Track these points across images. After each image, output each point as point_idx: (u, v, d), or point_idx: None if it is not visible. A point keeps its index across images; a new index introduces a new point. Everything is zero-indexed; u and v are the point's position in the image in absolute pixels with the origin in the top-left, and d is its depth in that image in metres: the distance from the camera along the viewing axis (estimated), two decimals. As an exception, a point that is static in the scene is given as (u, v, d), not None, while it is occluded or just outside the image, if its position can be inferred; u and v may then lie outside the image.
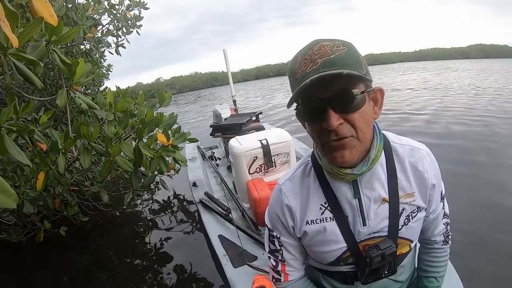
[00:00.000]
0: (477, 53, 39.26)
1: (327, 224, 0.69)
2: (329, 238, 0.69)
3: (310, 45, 0.57)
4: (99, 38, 2.83)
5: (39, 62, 0.72)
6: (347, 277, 0.74)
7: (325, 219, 0.69)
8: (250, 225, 2.07)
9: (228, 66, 4.05)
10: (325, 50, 0.54)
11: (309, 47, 0.56)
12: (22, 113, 1.02)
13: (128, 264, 2.54)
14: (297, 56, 0.58)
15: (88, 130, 1.30)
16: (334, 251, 0.69)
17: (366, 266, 0.69)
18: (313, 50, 0.55)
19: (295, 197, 0.71)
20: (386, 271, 0.72)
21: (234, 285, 1.54)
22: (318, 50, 0.55)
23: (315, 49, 0.55)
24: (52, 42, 0.89)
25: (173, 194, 3.73)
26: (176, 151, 1.48)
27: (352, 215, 0.67)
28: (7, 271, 2.44)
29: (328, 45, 0.55)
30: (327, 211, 0.69)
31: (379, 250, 0.66)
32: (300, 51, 0.58)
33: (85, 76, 1.08)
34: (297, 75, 0.56)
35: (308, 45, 0.57)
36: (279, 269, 0.78)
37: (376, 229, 0.68)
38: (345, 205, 0.68)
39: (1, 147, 0.71)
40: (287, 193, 0.72)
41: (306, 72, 0.54)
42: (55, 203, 1.81)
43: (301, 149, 3.34)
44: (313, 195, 0.70)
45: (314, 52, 0.55)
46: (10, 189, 0.42)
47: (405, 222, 0.69)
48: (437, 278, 0.82)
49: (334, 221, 0.68)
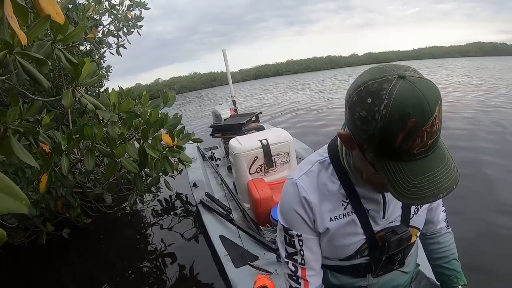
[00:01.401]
0: (476, 51, 39.41)
1: (349, 219, 0.69)
2: (350, 232, 0.70)
3: (424, 113, 0.44)
4: (100, 39, 2.81)
5: (46, 61, 0.70)
6: (359, 270, 0.74)
7: (347, 214, 0.69)
8: (251, 225, 2.06)
9: (227, 66, 4.03)
10: (436, 126, 0.46)
11: (423, 118, 0.44)
12: (26, 114, 1.01)
13: (130, 265, 2.52)
14: (404, 121, 0.44)
15: (92, 131, 1.28)
16: (353, 245, 0.71)
17: (382, 254, 0.70)
18: (427, 127, 0.45)
19: (314, 191, 0.69)
20: (398, 260, 0.74)
21: (235, 285, 1.54)
22: (432, 126, 0.46)
23: (429, 126, 0.45)
24: (57, 41, 0.87)
25: (174, 194, 3.71)
26: (181, 151, 1.46)
27: (375, 209, 0.69)
28: (10, 275, 2.41)
29: (438, 114, 0.46)
30: (349, 206, 0.69)
31: (396, 235, 0.68)
32: (408, 114, 0.44)
33: (90, 76, 1.06)
34: (399, 148, 0.47)
35: (422, 112, 0.44)
36: (299, 274, 0.73)
37: (391, 219, 0.71)
38: (368, 200, 0.68)
39: (7, 149, 0.69)
40: (305, 187, 0.69)
41: (414, 152, 0.47)
42: (57, 205, 1.79)
43: (301, 149, 3.33)
44: (333, 191, 0.69)
45: (428, 130, 0.46)
46: (21, 194, 0.40)
47: (415, 211, 0.73)
48: (457, 259, 0.86)
49: (355, 215, 0.69)
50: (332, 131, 5.78)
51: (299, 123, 6.98)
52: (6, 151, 0.69)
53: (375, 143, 0.49)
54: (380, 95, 0.46)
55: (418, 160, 0.49)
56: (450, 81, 12.11)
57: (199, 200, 2.45)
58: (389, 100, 0.45)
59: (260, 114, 3.46)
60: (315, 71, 41.60)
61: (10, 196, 0.40)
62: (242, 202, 2.35)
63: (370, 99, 0.47)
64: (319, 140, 5.13)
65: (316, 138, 5.38)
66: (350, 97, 0.51)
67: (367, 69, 0.52)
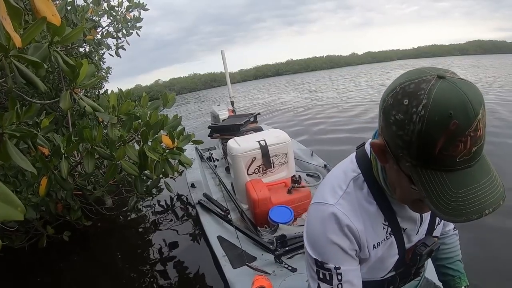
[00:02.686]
0: (476, 49, 39.32)
1: (389, 241, 0.66)
2: (388, 254, 0.67)
3: (468, 114, 0.40)
4: (99, 40, 2.80)
5: (43, 64, 0.69)
6: (384, 284, 0.72)
7: (386, 237, 0.65)
8: (249, 225, 2.06)
9: (226, 67, 4.02)
10: (480, 131, 0.41)
11: (467, 119, 0.40)
12: (24, 117, 0.99)
13: (129, 267, 2.52)
14: (446, 123, 0.40)
15: (91, 133, 1.27)
16: (388, 266, 0.69)
17: (411, 268, 0.70)
18: (471, 130, 0.40)
19: (357, 217, 0.61)
20: (422, 270, 0.74)
21: (233, 286, 1.53)
22: (475, 131, 0.41)
23: (473, 130, 0.41)
24: (54, 43, 0.86)
25: (172, 195, 3.70)
26: (182, 153, 1.45)
27: (411, 227, 0.67)
28: (11, 278, 2.41)
29: (482, 119, 0.41)
30: (388, 228, 0.64)
31: (427, 247, 0.67)
32: (451, 114, 0.40)
33: (88, 78, 1.05)
34: (439, 155, 0.42)
35: (465, 113, 0.40)
36: None
37: (422, 234, 0.71)
38: (405, 219, 0.65)
39: (3, 154, 0.68)
40: (347, 214, 0.60)
41: (456, 161, 0.43)
42: (57, 208, 1.78)
43: (299, 150, 3.31)
44: (373, 214, 0.62)
45: (472, 135, 0.41)
46: (16, 200, 0.39)
47: (439, 222, 0.74)
48: (460, 260, 0.87)
49: (393, 237, 0.65)
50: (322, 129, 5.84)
51: (298, 124, 7.00)
52: (2, 156, 0.68)
53: (413, 149, 0.44)
54: (418, 95, 0.42)
55: (460, 171, 0.44)
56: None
57: (197, 201, 2.45)
58: (428, 100, 0.41)
59: (258, 115, 3.45)
60: (315, 70, 41.63)
61: (6, 203, 0.39)
62: (240, 203, 2.35)
63: (406, 101, 0.43)
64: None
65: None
66: (384, 101, 0.47)
67: (404, 72, 0.48)
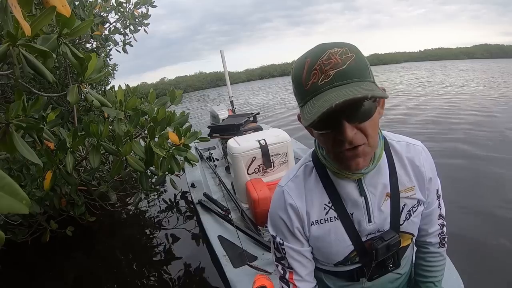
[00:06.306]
0: (482, 53, 38.81)
1: (332, 224, 0.68)
2: (335, 237, 0.68)
3: (317, 52, 0.52)
4: (106, 36, 2.80)
5: (51, 53, 0.67)
6: (353, 275, 0.74)
7: (330, 218, 0.68)
8: (250, 225, 2.05)
9: (225, 67, 4.01)
10: (335, 59, 0.51)
11: (317, 55, 0.52)
12: (31, 110, 0.98)
13: (131, 264, 2.51)
14: (303, 64, 0.53)
15: (97, 128, 1.26)
16: (341, 251, 0.70)
17: (372, 260, 0.69)
18: (322, 59, 0.51)
19: (300, 196, 0.69)
20: (391, 264, 0.73)
21: (234, 286, 1.53)
22: (328, 59, 0.51)
23: (325, 59, 0.51)
24: (63, 35, 0.84)
25: (173, 195, 3.70)
26: (188, 150, 1.43)
27: (358, 213, 0.67)
28: (13, 272, 2.41)
29: (337, 53, 0.51)
30: (331, 210, 0.68)
31: (384, 241, 0.67)
32: (306, 57, 0.54)
33: (97, 72, 1.03)
34: (307, 86, 0.53)
35: (315, 53, 0.53)
36: (287, 277, 0.74)
37: (381, 225, 0.69)
38: (350, 203, 0.67)
39: (9, 145, 0.66)
40: (290, 193, 0.69)
41: (318, 84, 0.52)
42: (61, 203, 1.77)
43: (299, 149, 3.30)
44: (316, 195, 0.68)
45: (324, 62, 0.51)
46: (22, 193, 0.37)
47: (407, 217, 0.70)
48: (435, 283, 0.81)
49: (338, 220, 0.68)
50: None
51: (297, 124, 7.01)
52: (8, 147, 0.67)
53: (297, 95, 0.56)
54: (296, 61, 0.57)
55: (326, 92, 0.51)
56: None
57: (198, 201, 2.44)
58: (296, 60, 0.56)
59: (258, 114, 3.44)
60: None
61: (11, 196, 0.37)
62: (240, 203, 2.34)
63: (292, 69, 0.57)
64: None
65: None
66: None
67: None
